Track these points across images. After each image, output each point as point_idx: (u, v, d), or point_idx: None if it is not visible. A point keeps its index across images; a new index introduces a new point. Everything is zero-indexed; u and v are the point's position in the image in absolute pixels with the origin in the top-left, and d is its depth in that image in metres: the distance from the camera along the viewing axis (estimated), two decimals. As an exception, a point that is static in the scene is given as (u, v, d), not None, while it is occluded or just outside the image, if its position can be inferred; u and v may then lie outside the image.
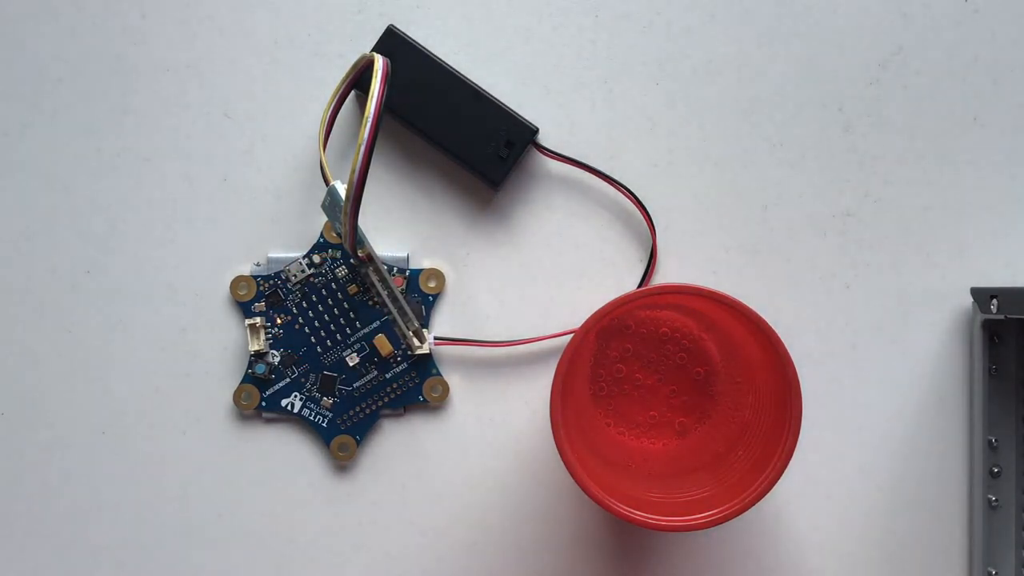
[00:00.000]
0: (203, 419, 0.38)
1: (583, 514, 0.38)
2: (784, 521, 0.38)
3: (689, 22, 0.38)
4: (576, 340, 0.31)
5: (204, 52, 0.38)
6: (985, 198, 0.38)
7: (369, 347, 0.38)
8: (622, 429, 0.38)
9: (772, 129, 0.38)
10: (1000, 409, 0.37)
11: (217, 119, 0.38)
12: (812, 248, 0.38)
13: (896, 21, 0.38)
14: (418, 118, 0.37)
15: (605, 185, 0.38)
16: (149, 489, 0.38)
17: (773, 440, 0.32)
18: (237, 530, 0.38)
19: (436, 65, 0.37)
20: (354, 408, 0.38)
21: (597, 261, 0.38)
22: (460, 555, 0.38)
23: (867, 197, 0.38)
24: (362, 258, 0.35)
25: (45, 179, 0.38)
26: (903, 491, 0.38)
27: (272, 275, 0.37)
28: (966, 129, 0.38)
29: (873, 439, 0.38)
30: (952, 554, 0.38)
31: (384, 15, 0.38)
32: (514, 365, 0.38)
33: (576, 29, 0.38)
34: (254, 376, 0.37)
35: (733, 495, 0.31)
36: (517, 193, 0.38)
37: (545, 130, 0.38)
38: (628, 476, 0.35)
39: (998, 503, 0.37)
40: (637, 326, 0.37)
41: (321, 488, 0.38)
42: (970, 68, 0.38)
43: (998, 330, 0.37)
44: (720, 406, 0.37)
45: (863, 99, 0.38)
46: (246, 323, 0.37)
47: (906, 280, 0.38)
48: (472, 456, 0.38)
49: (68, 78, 0.38)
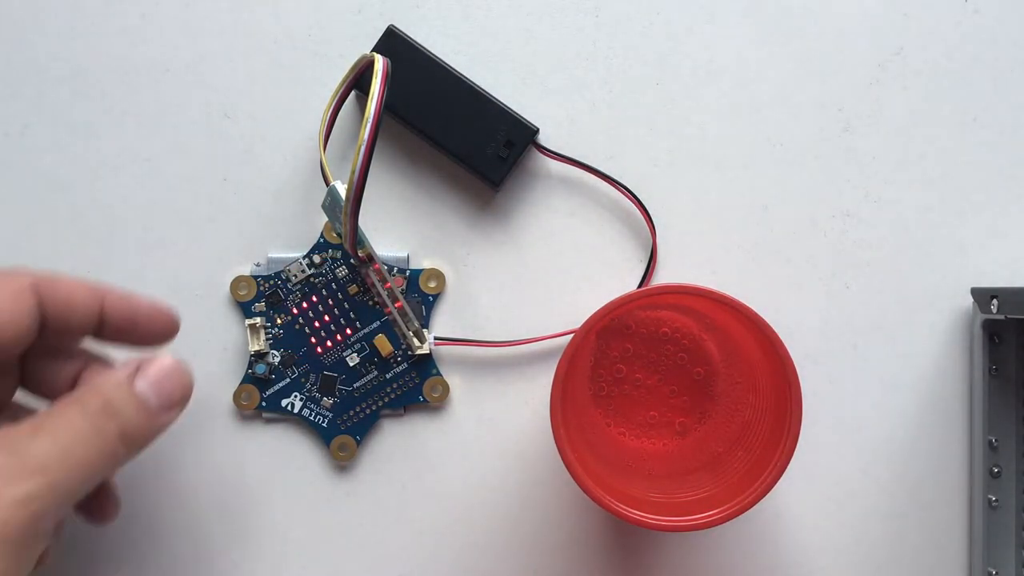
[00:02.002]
0: (203, 419, 0.38)
1: (583, 514, 0.38)
2: (784, 521, 0.38)
3: (689, 22, 0.38)
4: (576, 340, 0.31)
5: (204, 52, 0.38)
6: (985, 198, 0.38)
7: (369, 347, 0.38)
8: (622, 429, 0.38)
9: (772, 129, 0.38)
10: (1000, 409, 0.37)
11: (217, 119, 0.38)
12: (812, 248, 0.38)
13: (896, 21, 0.38)
14: (418, 118, 0.37)
15: (605, 185, 0.38)
16: (149, 489, 0.38)
17: (773, 440, 0.32)
18: (237, 530, 0.38)
19: (436, 65, 0.37)
20: (354, 408, 0.38)
21: (597, 261, 0.38)
22: (460, 555, 0.38)
23: (867, 197, 0.38)
24: (362, 258, 0.35)
25: (45, 179, 0.38)
26: (903, 491, 0.38)
27: (272, 275, 0.37)
28: (966, 129, 0.38)
29: (873, 439, 0.38)
30: (952, 554, 0.38)
31: (384, 15, 0.38)
32: (514, 365, 0.38)
33: (576, 29, 0.38)
34: (254, 376, 0.37)
35: (733, 495, 0.31)
36: (517, 193, 0.38)
37: (545, 130, 0.38)
38: (628, 476, 0.35)
39: (998, 503, 0.37)
40: (637, 326, 0.37)
41: (321, 488, 0.38)
42: (970, 68, 0.38)
43: (998, 330, 0.37)
44: (720, 406, 0.37)
45: (863, 99, 0.38)
46: (246, 323, 0.37)
47: (906, 280, 0.38)
48: (472, 456, 0.38)
49: (68, 78, 0.38)
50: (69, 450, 0.28)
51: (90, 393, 0.29)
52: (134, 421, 0.29)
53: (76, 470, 0.27)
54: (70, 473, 0.27)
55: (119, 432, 0.28)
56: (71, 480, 0.27)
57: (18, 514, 0.26)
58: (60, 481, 0.27)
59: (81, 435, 0.28)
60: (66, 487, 0.27)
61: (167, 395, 0.30)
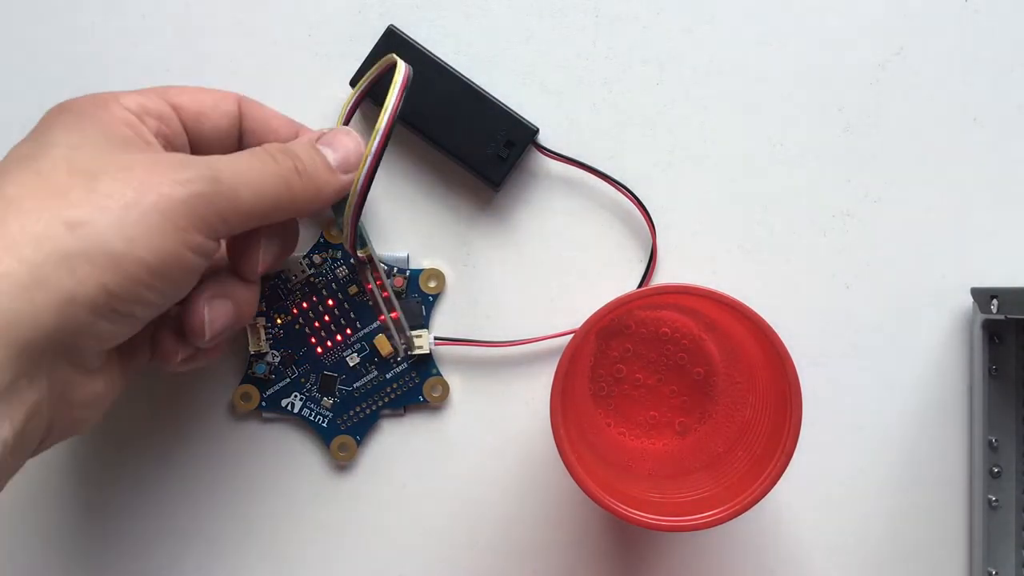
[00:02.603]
0: (203, 419, 0.38)
1: (583, 514, 0.38)
2: (784, 521, 0.38)
3: (689, 22, 0.38)
4: (576, 340, 0.31)
5: (204, 52, 0.38)
6: (985, 198, 0.38)
7: (369, 347, 0.38)
8: (622, 429, 0.38)
9: (772, 129, 0.38)
10: (1000, 409, 0.37)
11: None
12: (812, 248, 0.38)
13: (896, 21, 0.38)
14: (418, 118, 0.37)
15: (605, 185, 0.38)
16: (149, 489, 0.38)
17: (773, 440, 0.32)
18: (237, 530, 0.38)
19: (436, 65, 0.37)
20: (354, 408, 0.38)
21: (597, 261, 0.38)
22: (460, 555, 0.38)
23: (867, 197, 0.38)
24: (362, 259, 0.35)
25: (45, 179, 0.38)
26: (903, 491, 0.38)
27: (272, 275, 0.37)
28: (966, 129, 0.38)
29: (873, 439, 0.38)
30: (952, 554, 0.38)
31: (384, 15, 0.38)
32: (514, 365, 0.38)
33: (576, 29, 0.38)
34: (254, 376, 0.37)
35: (733, 495, 0.31)
36: (517, 193, 0.38)
37: (545, 130, 0.38)
38: (628, 476, 0.35)
39: (998, 503, 0.37)
40: (637, 326, 0.37)
41: (321, 488, 0.38)
42: (970, 68, 0.38)
43: (998, 330, 0.37)
44: (720, 406, 0.37)
45: (863, 99, 0.38)
46: (246, 323, 0.37)
47: (906, 280, 0.38)
48: (472, 456, 0.38)
49: (68, 78, 0.38)
50: (238, 160, 0.29)
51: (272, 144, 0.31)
52: (311, 163, 0.30)
53: (243, 178, 0.28)
54: (236, 178, 0.28)
55: (294, 167, 0.30)
56: (236, 185, 0.28)
57: (177, 189, 0.26)
58: (226, 180, 0.28)
59: (255, 156, 0.29)
60: (230, 189, 0.28)
61: (343, 155, 0.32)
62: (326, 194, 0.31)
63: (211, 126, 0.32)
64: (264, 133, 0.33)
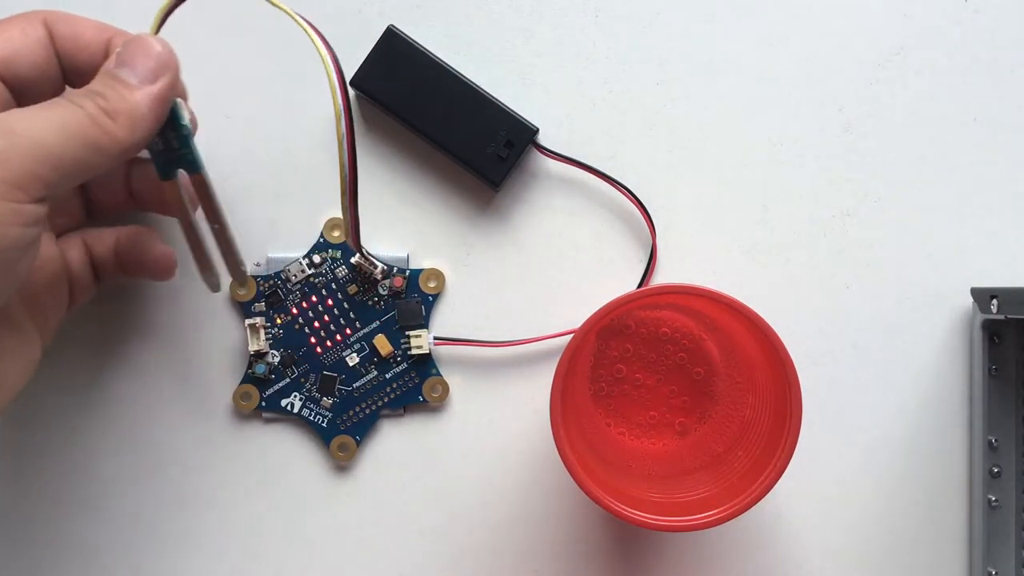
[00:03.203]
0: (203, 419, 0.38)
1: (583, 514, 0.38)
2: (784, 521, 0.38)
3: (689, 22, 0.38)
4: (576, 340, 0.31)
5: (204, 52, 0.38)
6: (985, 198, 0.38)
7: (369, 347, 0.38)
8: (622, 429, 0.38)
9: (772, 129, 0.38)
10: (1000, 409, 0.37)
11: (217, 119, 0.38)
12: (812, 248, 0.38)
13: (896, 21, 0.38)
14: (418, 118, 0.37)
15: (605, 185, 0.38)
16: (149, 489, 0.38)
17: (773, 440, 0.32)
18: (237, 530, 0.38)
19: (436, 65, 0.37)
20: (354, 408, 0.38)
21: (597, 261, 0.38)
22: (460, 555, 0.38)
23: (867, 197, 0.38)
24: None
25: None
26: (903, 491, 0.38)
27: (272, 275, 0.37)
28: (966, 129, 0.38)
29: (873, 439, 0.38)
30: (952, 554, 0.38)
31: (384, 15, 0.38)
32: (514, 365, 0.38)
33: (576, 29, 0.38)
34: (254, 376, 0.37)
35: (733, 495, 0.31)
36: (517, 193, 0.38)
37: (545, 130, 0.38)
38: (628, 476, 0.35)
39: (998, 503, 0.37)
40: (637, 326, 0.37)
41: (321, 488, 0.38)
42: (970, 68, 0.38)
43: (998, 330, 0.37)
44: (720, 406, 0.37)
45: (863, 99, 0.38)
46: (246, 323, 0.37)
47: (906, 280, 0.38)
48: (472, 456, 0.38)
49: (68, 78, 0.38)
50: (34, 111, 0.27)
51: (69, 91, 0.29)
52: (114, 95, 0.28)
53: (43, 124, 0.26)
54: (34, 129, 0.26)
55: (96, 105, 0.28)
56: (37, 136, 0.26)
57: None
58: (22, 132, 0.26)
59: (54, 104, 0.27)
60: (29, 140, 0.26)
61: (142, 67, 0.29)
62: (142, 114, 0.29)
63: (28, 64, 0.30)
64: (76, 52, 0.31)
